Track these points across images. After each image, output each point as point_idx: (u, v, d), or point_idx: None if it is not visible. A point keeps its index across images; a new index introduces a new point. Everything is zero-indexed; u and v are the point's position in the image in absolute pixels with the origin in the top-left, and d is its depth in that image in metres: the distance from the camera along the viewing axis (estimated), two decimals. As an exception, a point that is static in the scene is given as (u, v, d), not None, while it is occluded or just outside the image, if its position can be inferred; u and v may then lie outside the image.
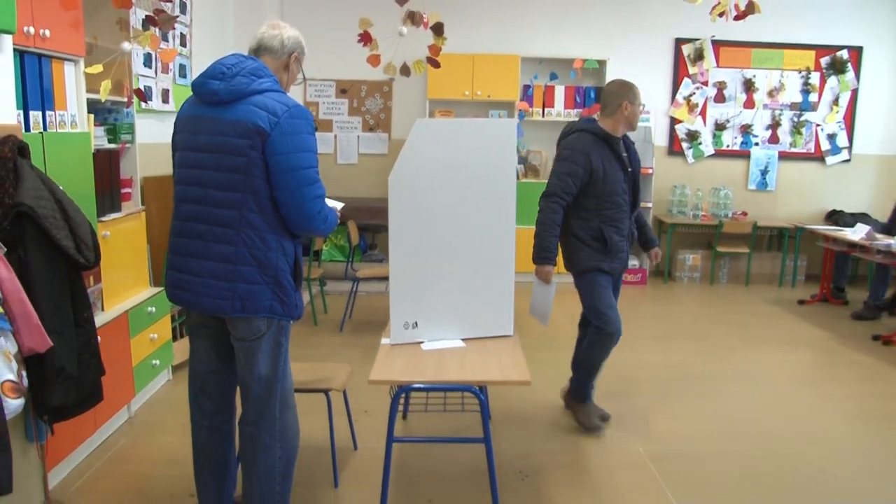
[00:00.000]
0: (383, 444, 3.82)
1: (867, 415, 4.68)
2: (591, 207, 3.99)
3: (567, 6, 8.34)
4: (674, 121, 8.66)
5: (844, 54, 8.72)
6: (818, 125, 8.85)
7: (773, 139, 8.84)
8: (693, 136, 8.71)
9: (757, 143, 8.83)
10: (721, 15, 5.87)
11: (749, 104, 8.75)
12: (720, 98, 8.69)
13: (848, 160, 8.92)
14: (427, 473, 3.67)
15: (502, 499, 3.39)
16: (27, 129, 3.20)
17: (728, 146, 8.80)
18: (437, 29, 5.57)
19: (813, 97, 8.79)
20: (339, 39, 7.86)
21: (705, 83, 8.64)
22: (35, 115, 3.28)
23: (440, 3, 7.83)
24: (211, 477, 2.94)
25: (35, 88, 3.30)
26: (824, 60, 8.74)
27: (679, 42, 8.55)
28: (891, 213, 7.45)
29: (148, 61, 5.37)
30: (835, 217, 8.70)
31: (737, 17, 5.87)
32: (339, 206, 2.96)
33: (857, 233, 6.95)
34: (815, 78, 8.76)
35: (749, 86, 8.71)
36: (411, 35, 5.80)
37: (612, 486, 3.62)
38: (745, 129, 8.78)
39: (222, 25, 6.92)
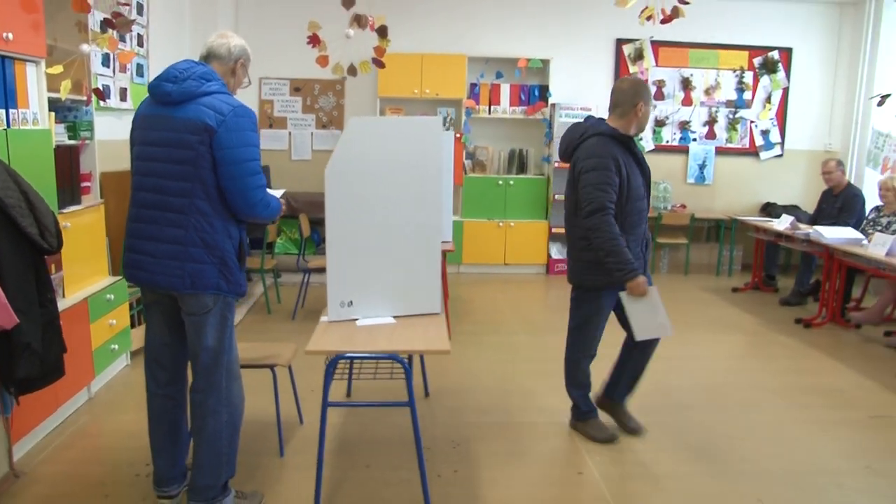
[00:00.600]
0: (329, 421, 4.19)
1: (783, 389, 5.09)
2: (616, 217, 3.69)
3: (511, 8, 8.69)
4: (615, 118, 9.04)
5: (775, 55, 9.19)
6: (752, 122, 9.31)
7: (710, 135, 9.28)
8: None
9: (695, 139, 9.26)
10: (649, 18, 6.26)
11: (687, 102, 9.18)
12: (659, 96, 9.10)
13: (780, 155, 9.40)
14: (366, 442, 4.01)
15: (434, 463, 3.75)
16: (-8, 126, 3.47)
17: (667, 142, 9.22)
18: (382, 31, 5.88)
19: (747, 95, 9.25)
20: (293, 40, 8.11)
21: (645, 81, 9.02)
22: (-1, 114, 3.55)
23: (388, 5, 8.17)
24: (165, 442, 3.23)
25: (-1, 88, 3.56)
26: (757, 60, 9.20)
27: (620, 42, 8.95)
28: (817, 205, 7.92)
29: (106, 61, 5.62)
30: (768, 209, 9.16)
31: (663, 21, 6.26)
32: (279, 192, 3.29)
33: (782, 223, 7.40)
34: (748, 77, 9.22)
35: (687, 84, 9.14)
36: (358, 37, 6.11)
37: (538, 453, 3.97)
38: (684, 126, 9.21)
39: (179, 26, 7.17)
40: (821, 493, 3.63)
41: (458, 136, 8.29)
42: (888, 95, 6.87)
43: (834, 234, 6.54)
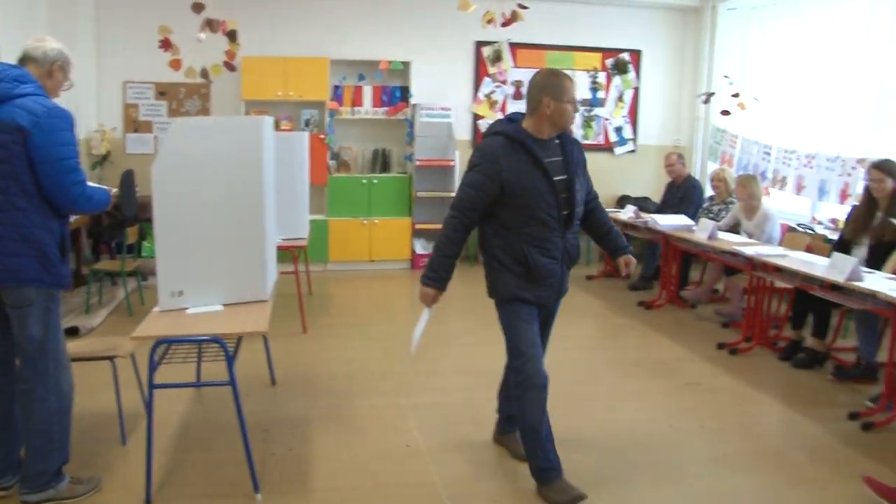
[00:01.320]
0: (176, 409, 4.37)
1: (613, 363, 5.55)
2: (512, 225, 3.39)
3: (372, 11, 8.91)
4: (476, 116, 9.43)
5: (626, 56, 9.75)
6: (606, 119, 9.85)
7: (568, 132, 9.74)
8: (494, 131, 9.50)
9: (553, 137, 9.71)
10: (490, 21, 6.66)
11: (545, 101, 9.61)
12: (518, 95, 9.50)
13: (634, 150, 9.99)
14: (209, 426, 4.21)
15: (271, 444, 4.00)
16: None
17: (527, 140, 9.63)
18: (232, 35, 6.08)
19: (601, 94, 9.78)
20: (156, 44, 8.19)
21: (504, 82, 9.44)
22: None
23: (251, 10, 8.33)
24: (-3, 434, 3.36)
25: None
26: (609, 62, 9.74)
27: (479, 44, 9.31)
28: (662, 196, 8.49)
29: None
30: (623, 202, 9.70)
31: (504, 24, 6.68)
32: (113, 190, 3.48)
33: (626, 213, 7.90)
34: (601, 77, 9.75)
35: (544, 84, 9.57)
36: (215, 41, 6.28)
37: (373, 431, 4.26)
38: (542, 124, 9.65)
39: (33, 29, 7.10)
40: (619, 451, 4.05)
41: (321, 137, 8.49)
42: (713, 94, 7.47)
43: (667, 222, 7.07)
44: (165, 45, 6.12)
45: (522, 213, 3.37)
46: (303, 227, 6.24)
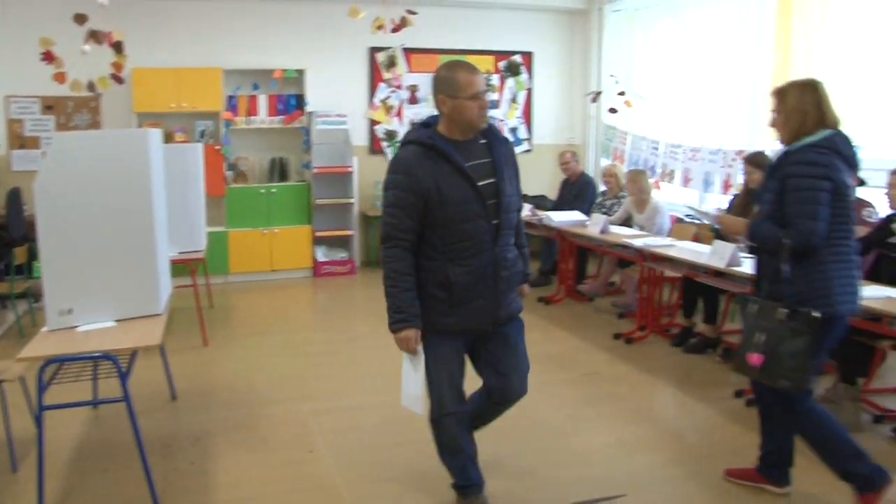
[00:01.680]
0: (71, 432, 4.28)
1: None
2: (437, 242, 3.05)
3: (265, 20, 8.83)
4: (373, 122, 9.47)
5: (518, 59, 9.96)
6: (501, 120, 10.02)
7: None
8: (391, 136, 9.55)
9: (450, 139, 9.82)
10: (379, 28, 6.72)
11: (441, 105, 9.72)
12: (414, 100, 9.60)
13: (529, 150, 10.19)
14: (109, 446, 4.13)
15: (173, 459, 3.98)
16: None
17: (425, 143, 9.72)
18: (118, 47, 5.95)
19: (495, 96, 9.95)
20: (39, 56, 7.93)
21: (399, 87, 9.51)
22: None
23: (139, 20, 8.17)
24: None
25: None
26: (502, 64, 9.92)
27: (373, 50, 9.35)
28: (558, 193, 8.70)
29: None
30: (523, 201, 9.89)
31: (394, 30, 6.76)
32: None
33: (522, 211, 8.06)
34: (495, 80, 9.91)
35: (439, 88, 9.68)
36: (101, 52, 6.13)
37: (275, 439, 4.27)
38: (440, 127, 9.75)
39: None
40: (521, 441, 4.17)
41: (217, 147, 8.38)
42: (600, 93, 7.71)
43: (562, 218, 7.26)
44: (48, 57, 5.95)
45: (448, 227, 3.01)
46: (200, 240, 6.18)
